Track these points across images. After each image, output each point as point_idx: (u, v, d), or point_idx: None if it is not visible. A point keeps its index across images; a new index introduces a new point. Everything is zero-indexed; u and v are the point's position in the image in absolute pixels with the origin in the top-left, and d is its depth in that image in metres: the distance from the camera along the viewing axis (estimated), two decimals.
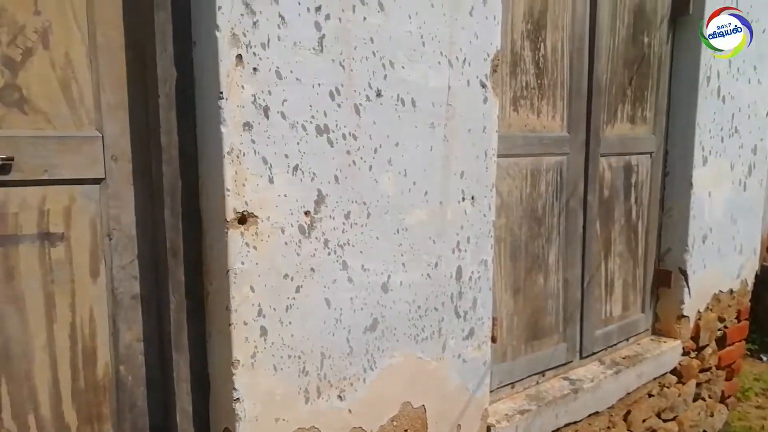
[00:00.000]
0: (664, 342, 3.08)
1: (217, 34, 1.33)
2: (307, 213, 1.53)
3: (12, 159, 1.35)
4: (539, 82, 2.35)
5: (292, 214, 1.50)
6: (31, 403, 1.43)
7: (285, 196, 1.48)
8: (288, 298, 1.52)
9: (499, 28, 1.91)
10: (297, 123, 1.48)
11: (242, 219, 1.41)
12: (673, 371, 3.08)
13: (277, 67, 1.43)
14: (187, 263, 1.49)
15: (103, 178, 1.45)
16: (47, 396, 1.45)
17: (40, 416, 1.44)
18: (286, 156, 1.47)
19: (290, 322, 1.53)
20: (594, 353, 2.84)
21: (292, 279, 1.52)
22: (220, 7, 1.33)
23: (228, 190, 1.38)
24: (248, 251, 1.43)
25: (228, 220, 1.39)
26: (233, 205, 1.40)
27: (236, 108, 1.38)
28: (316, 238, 1.55)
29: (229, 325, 1.43)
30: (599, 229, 2.77)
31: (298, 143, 1.49)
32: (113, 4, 1.41)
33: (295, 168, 1.49)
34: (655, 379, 2.96)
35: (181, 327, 1.50)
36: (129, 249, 1.50)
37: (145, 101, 1.47)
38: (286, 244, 1.50)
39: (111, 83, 1.43)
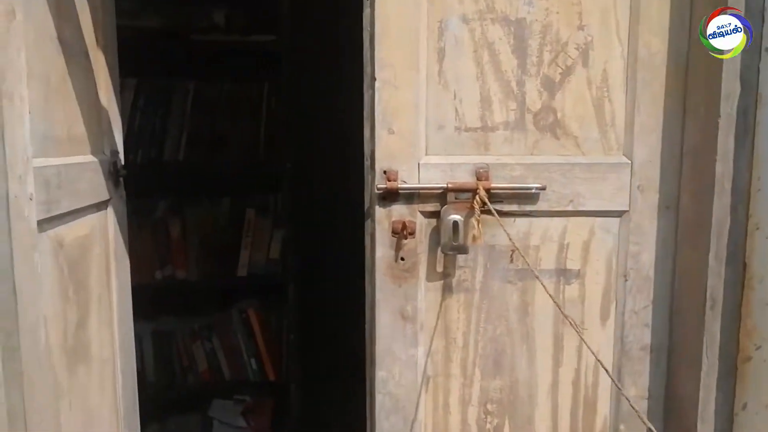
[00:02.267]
0: None
1: None
2: None
3: (544, 188, 1.20)
4: None
5: None
6: None
7: None
8: None
9: None
10: None
11: None
12: None
13: None
14: (723, 318, 1.19)
15: (626, 211, 1.23)
16: None
17: None
18: None
19: None
20: None
21: None
22: None
23: None
24: None
25: None
26: None
27: None
28: None
29: None
30: None
31: None
32: (660, 10, 1.18)
33: None
34: None
35: (710, 393, 1.20)
36: (644, 292, 1.26)
37: (681, 122, 1.21)
38: None
39: (646, 102, 1.20)
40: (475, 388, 1.26)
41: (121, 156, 1.49)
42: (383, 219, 1.19)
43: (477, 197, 1.16)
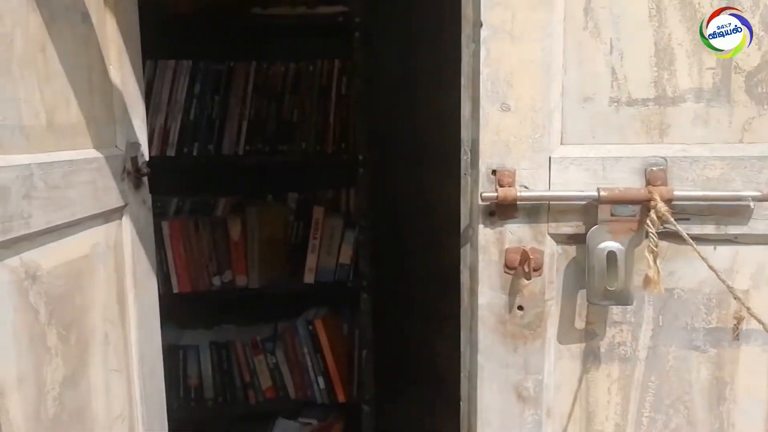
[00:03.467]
0: None
1: None
2: None
3: (766, 198, 0.70)
4: None
5: None
6: None
7: None
8: None
9: None
10: None
11: None
12: None
13: None
14: None
15: None
16: None
17: None
18: None
19: None
20: None
21: None
22: None
23: None
24: None
25: None
26: None
27: None
28: None
29: None
30: None
31: None
32: None
33: None
34: None
35: None
36: None
37: None
38: None
39: None
40: None
41: (145, 150, 1.13)
42: (491, 245, 0.74)
43: (652, 213, 0.68)
